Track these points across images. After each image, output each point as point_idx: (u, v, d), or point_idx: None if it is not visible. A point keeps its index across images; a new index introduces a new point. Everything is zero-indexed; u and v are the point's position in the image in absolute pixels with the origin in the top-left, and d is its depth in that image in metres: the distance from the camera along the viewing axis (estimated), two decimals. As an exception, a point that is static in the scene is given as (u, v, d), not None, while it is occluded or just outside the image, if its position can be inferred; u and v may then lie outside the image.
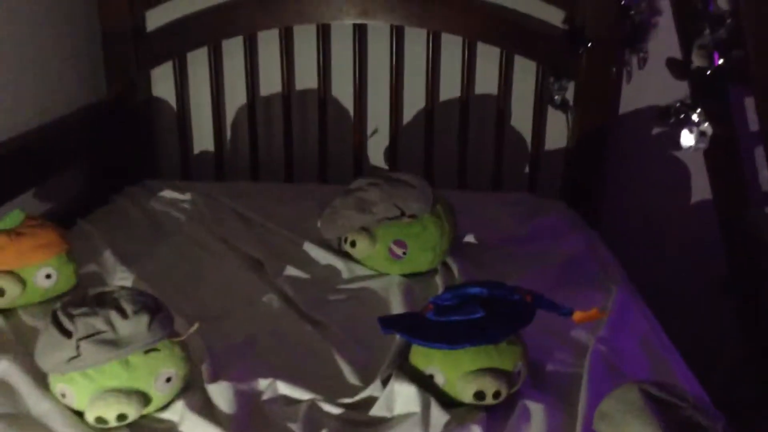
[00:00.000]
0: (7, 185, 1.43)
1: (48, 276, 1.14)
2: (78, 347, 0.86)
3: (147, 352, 0.89)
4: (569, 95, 1.75)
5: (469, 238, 1.45)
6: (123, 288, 0.95)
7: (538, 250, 1.43)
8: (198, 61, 1.81)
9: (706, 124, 1.63)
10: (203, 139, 1.89)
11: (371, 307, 1.22)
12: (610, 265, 1.42)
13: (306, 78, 1.82)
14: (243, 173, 1.87)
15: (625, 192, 1.86)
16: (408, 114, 1.84)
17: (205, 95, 1.83)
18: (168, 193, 1.65)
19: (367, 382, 1.00)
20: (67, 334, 0.87)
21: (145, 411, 0.90)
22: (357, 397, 0.97)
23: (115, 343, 0.87)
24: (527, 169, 1.83)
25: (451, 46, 1.75)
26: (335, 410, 0.95)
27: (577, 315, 0.99)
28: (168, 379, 0.91)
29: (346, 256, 1.36)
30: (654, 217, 1.88)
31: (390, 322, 1.00)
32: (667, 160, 1.84)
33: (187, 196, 1.63)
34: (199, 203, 1.60)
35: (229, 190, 1.68)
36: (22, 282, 1.12)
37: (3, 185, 1.41)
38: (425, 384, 0.95)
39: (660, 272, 1.83)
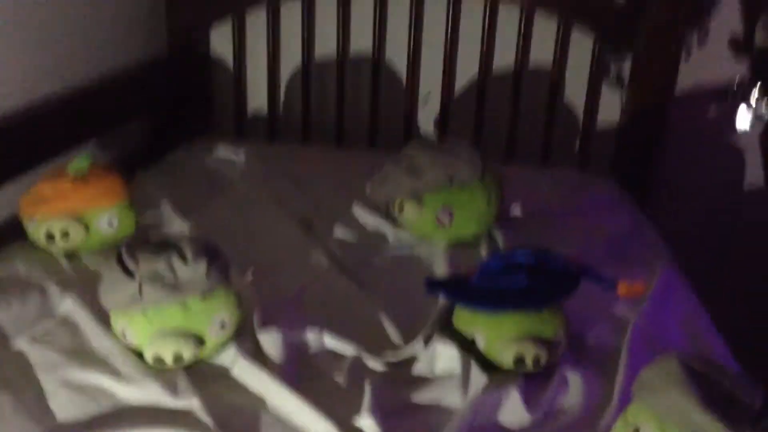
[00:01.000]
0: (69, 134, 1.48)
1: (110, 222, 1.19)
2: (140, 287, 0.91)
3: (204, 297, 0.94)
4: (625, 70, 1.73)
5: (516, 210, 1.47)
6: (184, 235, 0.99)
7: (585, 226, 1.43)
8: (256, 21, 1.84)
9: (764, 106, 1.60)
10: (258, 99, 1.92)
11: (416, 271, 1.25)
12: (657, 246, 1.42)
13: (361, 42, 1.83)
14: (294, 134, 1.90)
15: (677, 172, 1.84)
16: (461, 83, 1.84)
17: (262, 55, 1.85)
18: (223, 151, 1.70)
19: (409, 341, 1.03)
20: (130, 274, 0.92)
21: (200, 353, 0.95)
22: (400, 354, 1.00)
23: (174, 286, 0.91)
24: (578, 144, 1.82)
25: (508, 14, 1.74)
26: (378, 365, 0.98)
27: (622, 286, 1.00)
28: (222, 324, 0.95)
29: (393, 220, 1.39)
30: (704, 200, 1.86)
31: (436, 284, 1.03)
32: (722, 142, 1.81)
33: (241, 154, 1.67)
34: (252, 161, 1.64)
35: (281, 151, 1.72)
36: (86, 226, 1.17)
37: (66, 134, 1.46)
38: (467, 346, 0.98)
39: (706, 257, 1.81)
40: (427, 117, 1.89)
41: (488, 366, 0.96)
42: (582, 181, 1.67)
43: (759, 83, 1.58)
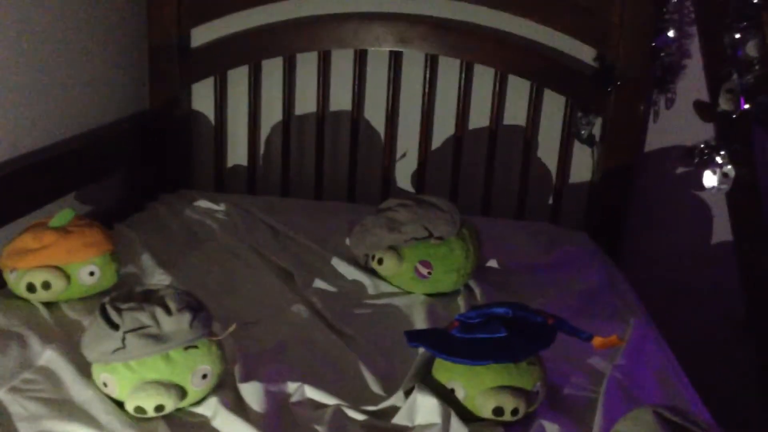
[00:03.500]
0: (51, 187, 1.50)
1: (91, 273, 1.20)
2: (124, 339, 0.91)
3: (187, 348, 0.95)
4: (596, 131, 1.80)
5: (492, 263, 1.50)
6: (168, 287, 1.01)
7: (559, 278, 1.46)
8: (238, 78, 1.88)
9: (729, 167, 1.67)
10: (238, 154, 1.96)
11: (395, 323, 1.26)
12: (629, 298, 1.46)
13: (340, 100, 1.88)
14: (274, 189, 1.93)
15: (647, 228, 1.90)
16: (437, 140, 1.90)
17: (243, 111, 1.90)
18: (203, 203, 1.71)
19: (390, 392, 1.04)
20: (115, 326, 0.92)
21: (181, 404, 0.95)
22: (381, 406, 1.01)
23: (158, 338, 0.92)
24: (551, 201, 1.87)
25: (483, 76, 1.81)
26: (359, 417, 0.99)
27: (597, 340, 1.03)
28: (204, 376, 0.96)
29: (373, 272, 1.41)
30: (674, 255, 1.91)
31: (416, 336, 1.05)
32: (689, 200, 1.88)
33: (221, 207, 1.69)
34: (232, 214, 1.66)
35: (261, 203, 1.74)
36: (67, 277, 1.18)
37: (47, 187, 1.48)
38: (446, 397, 0.99)
39: (677, 309, 1.85)
40: (404, 173, 1.93)
41: (468, 416, 0.97)
42: (556, 234, 1.72)
43: (724, 147, 1.65)
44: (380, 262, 1.38)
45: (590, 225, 1.82)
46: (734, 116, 1.64)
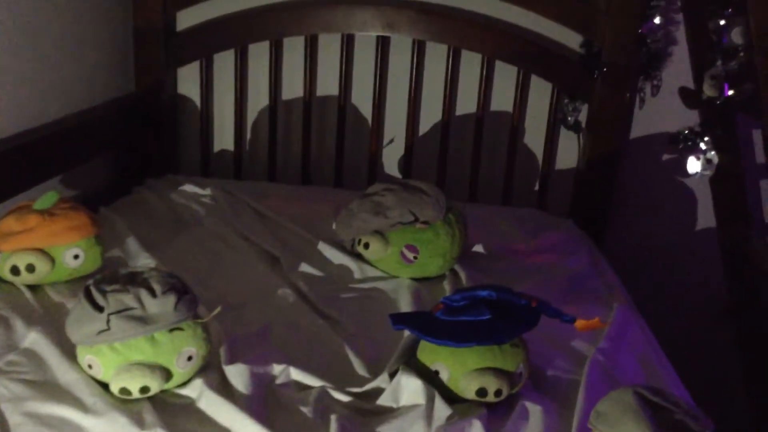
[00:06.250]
0: (35, 170, 1.48)
1: (76, 256, 1.20)
2: (108, 321, 0.91)
3: (171, 330, 0.95)
4: (582, 117, 1.81)
5: (478, 248, 1.50)
6: (153, 269, 1.00)
7: (544, 264, 1.47)
8: (224, 62, 1.88)
9: (713, 153, 1.68)
10: (224, 139, 1.95)
11: (381, 306, 1.27)
12: (613, 283, 1.47)
13: (327, 85, 1.88)
14: (260, 174, 1.92)
15: (632, 214, 1.91)
16: (424, 126, 1.90)
17: (229, 96, 1.89)
18: (189, 187, 1.71)
19: (375, 374, 1.05)
20: (99, 308, 0.92)
21: (166, 386, 0.96)
22: (365, 387, 1.02)
23: (143, 320, 0.92)
24: (537, 187, 1.88)
25: (470, 62, 1.81)
26: (344, 398, 1.00)
27: (579, 322, 1.04)
28: (189, 358, 0.96)
29: (359, 257, 1.41)
30: (658, 241, 1.93)
31: (401, 319, 1.05)
32: (674, 187, 1.90)
33: (208, 191, 1.69)
34: (218, 198, 1.65)
35: (247, 188, 1.74)
36: (52, 260, 1.17)
37: (31, 170, 1.47)
38: (431, 379, 1.00)
39: (661, 295, 1.87)
40: (391, 158, 1.93)
41: (452, 398, 0.98)
42: (542, 220, 1.73)
43: (709, 133, 1.67)
44: (366, 246, 1.38)
45: (576, 211, 1.83)
46: (718, 102, 1.65)
